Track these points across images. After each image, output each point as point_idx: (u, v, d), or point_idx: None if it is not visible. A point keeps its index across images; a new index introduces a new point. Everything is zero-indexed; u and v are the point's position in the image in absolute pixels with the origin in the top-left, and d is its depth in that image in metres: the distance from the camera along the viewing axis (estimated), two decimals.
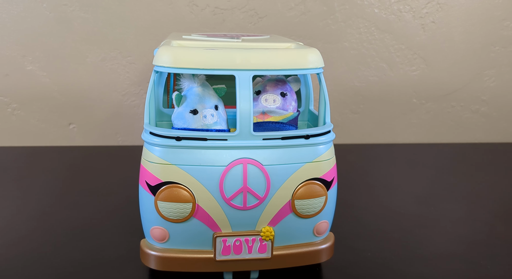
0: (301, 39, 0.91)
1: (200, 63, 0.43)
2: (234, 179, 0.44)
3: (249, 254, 0.46)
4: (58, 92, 0.90)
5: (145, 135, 0.45)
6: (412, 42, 0.94)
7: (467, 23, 0.94)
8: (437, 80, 0.97)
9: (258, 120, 0.48)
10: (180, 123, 0.46)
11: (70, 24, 0.87)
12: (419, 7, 0.92)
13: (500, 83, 0.98)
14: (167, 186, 0.44)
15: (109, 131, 0.94)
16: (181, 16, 0.89)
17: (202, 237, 0.45)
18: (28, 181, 0.74)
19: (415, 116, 0.98)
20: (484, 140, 1.01)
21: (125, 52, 0.90)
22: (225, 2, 0.89)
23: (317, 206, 0.46)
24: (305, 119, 0.57)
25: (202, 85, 0.46)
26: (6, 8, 0.86)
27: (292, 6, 0.90)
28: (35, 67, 0.89)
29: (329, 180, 0.47)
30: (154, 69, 0.46)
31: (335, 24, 0.92)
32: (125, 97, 0.92)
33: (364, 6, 0.91)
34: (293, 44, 0.52)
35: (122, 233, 0.58)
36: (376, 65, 0.95)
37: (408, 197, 0.71)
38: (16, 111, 0.91)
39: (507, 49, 0.96)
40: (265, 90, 0.50)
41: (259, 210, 0.45)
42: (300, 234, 0.47)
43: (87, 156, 0.87)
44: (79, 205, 0.66)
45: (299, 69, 0.46)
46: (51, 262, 0.51)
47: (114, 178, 0.76)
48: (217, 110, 0.46)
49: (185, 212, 0.44)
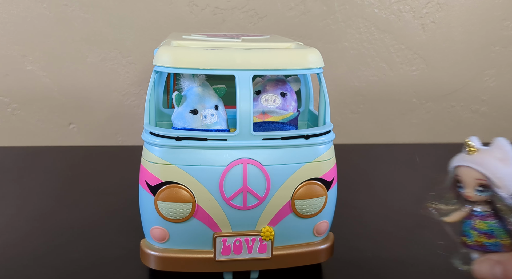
0: (301, 39, 0.91)
1: (200, 63, 0.43)
2: (234, 179, 0.44)
3: (249, 254, 0.46)
4: (58, 92, 0.90)
5: (145, 135, 0.45)
6: (412, 42, 0.94)
7: (467, 23, 0.94)
8: (437, 80, 0.97)
9: (258, 120, 0.48)
10: (180, 123, 0.46)
11: (70, 24, 0.87)
12: (419, 7, 0.92)
13: (500, 83, 0.98)
14: (167, 186, 0.44)
15: (109, 131, 0.94)
16: (181, 16, 0.89)
17: (202, 237, 0.45)
18: (28, 181, 0.74)
19: (415, 116, 0.98)
20: (484, 140, 1.01)
21: (125, 52, 0.90)
22: (225, 2, 0.89)
23: (317, 206, 0.46)
24: (305, 119, 0.57)
25: (202, 85, 0.46)
26: (6, 8, 0.86)
27: (292, 6, 0.90)
28: (35, 67, 0.89)
29: (329, 180, 0.47)
30: (154, 69, 0.46)
31: (335, 24, 0.92)
32: (125, 97, 0.92)
33: (364, 6, 0.91)
34: (293, 44, 0.52)
35: (122, 233, 0.58)
36: (376, 65, 0.95)
37: (408, 197, 0.71)
38: (16, 111, 0.91)
39: (507, 49, 0.96)
40: (265, 90, 0.50)
41: (259, 210, 0.45)
42: (300, 234, 0.47)
43: (87, 156, 0.87)
44: (79, 205, 0.66)
45: (299, 69, 0.46)
46: (51, 262, 0.51)
47: (114, 178, 0.76)
48: (217, 110, 0.46)
49: (185, 212, 0.44)
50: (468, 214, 0.41)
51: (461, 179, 0.40)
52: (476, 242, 0.41)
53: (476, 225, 0.41)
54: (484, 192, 0.40)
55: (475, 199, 0.40)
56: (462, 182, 0.40)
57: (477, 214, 0.41)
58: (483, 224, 0.40)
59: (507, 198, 0.39)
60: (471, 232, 0.41)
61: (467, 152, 0.40)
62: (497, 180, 0.38)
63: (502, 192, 0.38)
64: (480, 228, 0.40)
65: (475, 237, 0.41)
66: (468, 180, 0.40)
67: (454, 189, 0.41)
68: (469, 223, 0.41)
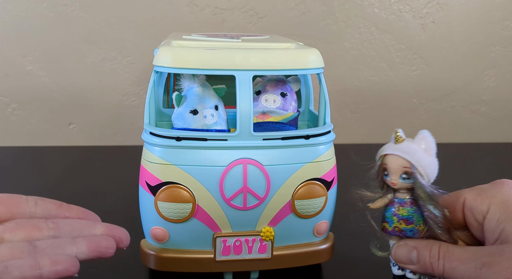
0: (301, 39, 0.91)
1: (200, 63, 0.43)
2: (234, 179, 0.44)
3: (249, 254, 0.46)
4: (58, 92, 0.90)
5: (145, 135, 0.45)
6: (412, 42, 0.94)
7: (467, 23, 0.94)
8: (437, 80, 0.97)
9: (258, 120, 0.48)
10: (180, 123, 0.46)
11: (70, 24, 0.87)
12: (419, 7, 0.92)
13: (500, 83, 0.98)
14: (167, 186, 0.44)
15: (109, 131, 0.94)
16: (181, 16, 0.89)
17: (202, 237, 0.45)
18: (28, 181, 0.74)
19: (415, 116, 0.98)
20: (484, 140, 1.01)
21: (125, 52, 0.90)
22: (225, 2, 0.89)
23: (317, 206, 0.46)
24: (305, 119, 0.57)
25: (202, 85, 0.46)
26: (6, 8, 0.86)
27: (292, 6, 0.90)
28: (35, 67, 0.89)
29: (329, 180, 0.47)
30: (154, 69, 0.46)
31: (335, 24, 0.92)
32: (125, 97, 0.92)
33: (364, 6, 0.91)
34: (293, 44, 0.52)
35: None
36: (376, 65, 0.94)
37: None
38: (16, 111, 0.91)
39: (507, 49, 0.96)
40: (265, 90, 0.50)
41: (259, 210, 0.45)
42: (300, 234, 0.47)
43: (87, 156, 0.87)
44: (79, 205, 0.66)
45: (299, 69, 0.46)
46: None
47: (114, 178, 0.76)
48: (217, 110, 0.46)
49: (185, 212, 0.44)
50: (391, 201, 0.44)
51: (388, 166, 0.43)
52: (396, 228, 0.44)
53: (397, 211, 0.44)
54: (407, 180, 0.43)
55: (398, 186, 0.43)
56: (388, 170, 0.43)
57: (399, 201, 0.44)
58: (403, 210, 0.44)
59: (427, 186, 0.42)
60: (392, 218, 0.44)
61: (394, 141, 0.44)
62: (420, 168, 0.42)
63: (423, 180, 0.42)
64: (401, 214, 0.44)
65: (395, 223, 0.44)
66: (394, 167, 0.43)
67: (380, 177, 0.44)
68: (391, 210, 0.44)
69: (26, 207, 0.38)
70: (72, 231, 0.37)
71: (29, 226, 0.36)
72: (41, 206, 0.38)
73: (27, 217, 0.37)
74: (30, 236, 0.35)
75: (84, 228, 0.38)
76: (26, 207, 0.38)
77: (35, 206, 0.38)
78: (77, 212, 0.39)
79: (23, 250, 0.33)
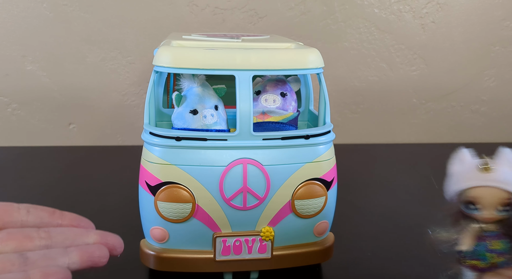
0: (301, 39, 0.91)
1: (200, 63, 0.43)
2: (234, 179, 0.43)
3: (249, 254, 0.46)
4: (58, 92, 0.90)
5: (145, 135, 0.45)
6: (412, 42, 0.94)
7: (467, 23, 0.94)
8: (437, 80, 0.97)
9: (258, 120, 0.48)
10: (180, 123, 0.46)
11: (70, 24, 0.87)
12: (419, 7, 0.92)
13: (500, 83, 0.98)
14: (167, 186, 0.44)
15: (109, 131, 0.94)
16: (181, 16, 0.89)
17: (202, 237, 0.45)
18: (28, 181, 0.74)
19: (415, 116, 0.98)
20: (484, 140, 1.01)
21: (125, 52, 0.90)
22: (225, 2, 0.89)
23: (317, 206, 0.46)
24: (305, 119, 0.57)
25: (202, 85, 0.46)
26: (6, 8, 0.86)
27: (292, 6, 0.90)
28: (35, 67, 0.89)
29: (329, 180, 0.47)
30: (154, 69, 0.46)
31: (335, 24, 0.92)
32: (125, 97, 0.92)
33: (364, 6, 0.91)
34: (293, 44, 0.52)
35: (122, 233, 0.58)
36: (376, 65, 0.94)
37: (408, 197, 0.70)
38: (16, 111, 0.91)
39: (507, 49, 0.96)
40: (265, 90, 0.50)
41: (259, 210, 0.45)
42: (300, 234, 0.47)
43: (87, 156, 0.87)
44: (79, 205, 0.66)
45: (299, 69, 0.46)
46: None
47: (114, 178, 0.76)
48: (217, 110, 0.46)
49: (185, 212, 0.44)
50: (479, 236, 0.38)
51: (479, 200, 0.37)
52: (492, 264, 0.38)
53: (490, 247, 0.38)
54: (503, 212, 0.37)
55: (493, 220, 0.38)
56: (480, 204, 0.37)
57: (491, 235, 0.38)
58: (498, 244, 0.38)
59: None
60: (486, 255, 0.38)
61: (482, 171, 0.38)
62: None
63: None
64: (496, 249, 0.38)
65: (490, 259, 0.38)
66: (491, 201, 0.37)
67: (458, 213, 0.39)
68: (483, 246, 0.38)
69: (18, 216, 0.37)
70: (65, 240, 0.36)
71: (20, 236, 0.35)
72: (33, 214, 0.37)
73: (18, 225, 0.37)
74: (22, 247, 0.35)
75: (77, 236, 0.37)
76: (17, 215, 0.37)
77: (27, 215, 0.37)
78: (70, 219, 0.39)
79: (14, 262, 0.33)
